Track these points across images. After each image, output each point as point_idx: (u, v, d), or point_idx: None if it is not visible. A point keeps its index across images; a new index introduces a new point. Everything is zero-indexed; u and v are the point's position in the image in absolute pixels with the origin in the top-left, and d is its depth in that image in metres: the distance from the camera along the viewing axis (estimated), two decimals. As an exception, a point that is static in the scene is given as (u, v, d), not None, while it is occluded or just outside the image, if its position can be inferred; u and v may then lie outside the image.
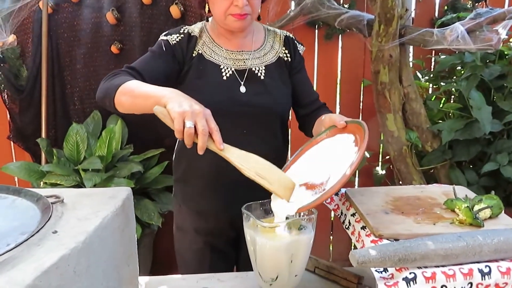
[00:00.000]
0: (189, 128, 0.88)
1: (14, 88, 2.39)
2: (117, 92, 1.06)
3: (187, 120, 0.89)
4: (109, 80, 1.12)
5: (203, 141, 0.89)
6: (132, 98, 1.04)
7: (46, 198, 0.87)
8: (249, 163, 0.95)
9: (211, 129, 0.92)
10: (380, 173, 2.64)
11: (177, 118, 0.89)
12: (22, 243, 0.68)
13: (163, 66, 1.23)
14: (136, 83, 1.07)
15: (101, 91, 1.13)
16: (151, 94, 0.98)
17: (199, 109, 0.91)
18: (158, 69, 1.22)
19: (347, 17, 2.17)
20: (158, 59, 1.24)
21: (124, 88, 1.05)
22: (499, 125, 2.08)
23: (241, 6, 1.17)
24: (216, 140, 0.92)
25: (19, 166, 2.19)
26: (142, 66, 1.20)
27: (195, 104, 0.93)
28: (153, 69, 1.21)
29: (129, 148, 2.32)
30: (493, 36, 1.87)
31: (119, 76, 1.12)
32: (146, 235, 2.31)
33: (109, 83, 1.10)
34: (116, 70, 1.17)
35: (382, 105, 2.18)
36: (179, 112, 0.89)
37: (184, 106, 0.90)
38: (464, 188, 1.16)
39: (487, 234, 0.84)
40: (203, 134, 0.89)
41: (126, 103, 1.05)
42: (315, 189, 0.96)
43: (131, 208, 1.00)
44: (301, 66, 1.40)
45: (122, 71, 1.17)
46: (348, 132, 1.07)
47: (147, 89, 1.01)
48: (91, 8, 2.38)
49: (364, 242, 0.95)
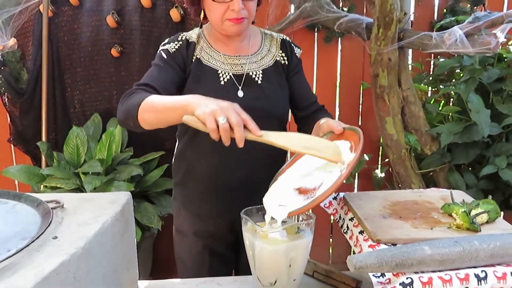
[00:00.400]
0: (223, 124, 0.89)
1: (15, 91, 2.40)
2: (139, 110, 1.06)
3: (218, 117, 0.89)
4: (126, 100, 1.12)
5: (240, 133, 0.90)
6: (156, 114, 1.04)
7: (47, 203, 0.88)
8: (291, 140, 0.96)
9: (244, 120, 0.92)
10: (380, 176, 2.65)
11: (209, 118, 0.89)
12: (23, 249, 0.69)
13: (170, 76, 1.24)
14: (156, 98, 1.06)
15: (122, 113, 1.13)
16: (175, 105, 0.99)
17: (227, 105, 0.92)
18: (167, 80, 1.23)
19: (346, 21, 2.18)
20: (164, 70, 1.25)
21: (145, 105, 1.05)
22: (498, 128, 2.09)
23: (238, 11, 1.18)
24: (252, 128, 0.93)
25: (19, 169, 2.20)
26: (152, 80, 1.20)
27: (221, 102, 0.93)
28: (163, 81, 1.22)
29: (129, 151, 2.33)
30: (491, 39, 1.88)
31: (135, 94, 1.12)
32: (146, 238, 2.31)
33: (127, 104, 1.10)
34: (129, 90, 1.17)
35: (381, 108, 2.19)
36: (209, 113, 0.90)
37: (211, 106, 0.91)
38: (462, 192, 1.16)
39: (483, 239, 0.84)
40: (238, 126, 0.90)
41: (151, 119, 1.06)
42: (307, 194, 0.97)
43: (131, 213, 1.01)
44: (298, 68, 1.41)
45: (136, 89, 1.17)
46: (345, 139, 1.08)
47: (169, 101, 1.02)
48: (91, 11, 2.39)
49: (362, 246, 0.95)
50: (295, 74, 1.39)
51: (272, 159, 1.36)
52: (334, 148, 1.01)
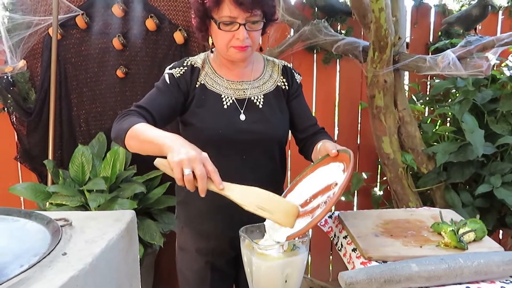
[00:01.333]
0: (187, 175, 0.96)
1: (23, 110, 2.48)
2: (126, 136, 1.16)
3: (185, 168, 0.96)
4: (120, 121, 1.22)
5: (202, 184, 0.97)
6: (138, 143, 1.14)
7: (56, 221, 0.93)
8: (248, 198, 1.00)
9: (209, 172, 0.98)
10: (378, 194, 2.69)
11: (175, 168, 0.97)
12: (35, 265, 0.74)
13: (167, 101, 1.32)
14: (142, 128, 1.15)
15: (113, 133, 1.23)
16: (154, 141, 1.07)
17: (195, 155, 0.98)
18: (163, 104, 1.31)
19: (343, 44, 2.26)
20: (163, 95, 1.33)
21: (132, 132, 1.15)
22: (492, 148, 2.13)
23: (242, 39, 1.25)
24: (215, 180, 0.99)
25: (26, 187, 2.25)
26: (149, 103, 1.29)
27: (192, 150, 1.00)
28: (159, 105, 1.30)
29: (133, 169, 2.38)
30: (483, 62, 1.94)
31: (129, 117, 1.21)
32: (148, 255, 2.35)
33: (119, 126, 1.20)
34: (126, 110, 1.26)
35: (378, 128, 2.25)
36: (177, 162, 0.97)
37: (181, 155, 0.98)
38: (451, 211, 1.21)
39: (468, 257, 0.89)
40: (200, 178, 0.97)
41: (134, 146, 1.16)
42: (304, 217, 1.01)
43: (135, 230, 1.06)
44: (298, 92, 1.47)
45: (132, 110, 1.26)
46: (340, 161, 1.13)
47: (150, 136, 1.10)
48: (98, 34, 2.48)
49: (355, 263, 1.00)
50: (295, 97, 1.45)
51: (271, 179, 1.42)
52: (288, 211, 0.99)
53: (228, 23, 1.24)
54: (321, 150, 1.24)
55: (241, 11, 1.21)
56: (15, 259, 0.79)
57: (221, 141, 1.33)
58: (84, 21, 2.42)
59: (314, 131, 1.44)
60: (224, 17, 1.23)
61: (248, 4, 1.20)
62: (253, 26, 1.26)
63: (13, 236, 0.91)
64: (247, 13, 1.22)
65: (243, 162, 1.35)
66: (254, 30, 1.27)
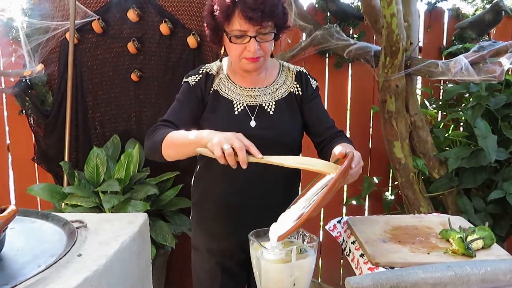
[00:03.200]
0: (227, 150, 1.05)
1: (40, 113, 2.54)
2: (162, 146, 1.25)
3: (223, 145, 1.06)
4: (151, 137, 1.31)
5: (243, 156, 1.06)
6: (176, 149, 1.23)
7: (72, 223, 0.97)
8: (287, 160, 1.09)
9: (246, 145, 1.07)
10: (390, 198, 2.69)
11: (216, 147, 1.07)
12: (52, 265, 0.78)
13: (189, 110, 1.40)
14: (175, 134, 1.24)
15: (148, 149, 1.33)
16: (190, 141, 1.17)
17: (231, 134, 1.09)
18: (186, 115, 1.39)
19: (355, 48, 2.26)
20: (185, 107, 1.40)
21: (166, 141, 1.24)
22: (505, 154, 2.12)
23: (253, 51, 1.28)
24: (254, 152, 1.08)
25: (43, 188, 2.31)
26: (173, 116, 1.38)
27: (227, 133, 1.10)
28: (182, 116, 1.38)
29: (146, 171, 2.42)
30: (496, 68, 1.93)
31: (158, 131, 1.30)
32: (160, 256, 2.39)
33: (152, 141, 1.30)
34: (153, 126, 1.36)
35: (389, 133, 2.25)
36: (216, 143, 1.07)
37: (218, 137, 1.08)
38: (460, 218, 1.22)
39: (475, 264, 0.90)
40: (240, 150, 1.05)
41: (172, 154, 1.25)
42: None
43: (147, 233, 1.09)
44: (314, 96, 1.47)
45: (159, 125, 1.35)
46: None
47: (186, 138, 1.20)
48: (113, 38, 2.53)
49: (362, 269, 1.01)
50: (311, 101, 1.45)
51: (281, 184, 1.44)
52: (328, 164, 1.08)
53: (239, 36, 1.27)
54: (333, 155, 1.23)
55: (251, 25, 1.24)
56: (33, 260, 0.83)
57: None
58: (100, 26, 2.48)
59: (331, 134, 1.43)
60: (234, 31, 1.26)
61: (257, 18, 1.22)
62: (264, 38, 1.28)
63: (31, 237, 0.94)
64: (257, 26, 1.24)
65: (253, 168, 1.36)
66: (265, 41, 1.29)
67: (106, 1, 2.49)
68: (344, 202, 2.81)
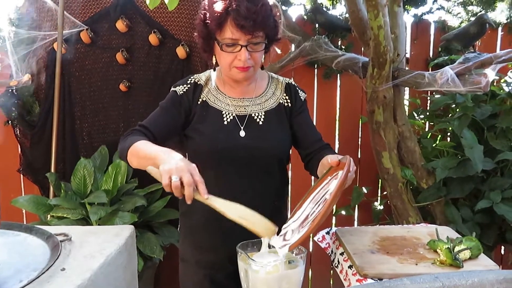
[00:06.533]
0: (174, 182, 1.04)
1: (27, 123, 2.51)
2: (128, 153, 1.26)
3: (173, 175, 1.04)
4: (123, 141, 1.32)
5: (189, 192, 1.04)
6: (137, 159, 1.23)
7: (56, 236, 0.95)
8: (231, 209, 1.07)
9: (196, 181, 1.06)
10: (379, 208, 2.69)
11: (164, 175, 1.05)
12: (34, 280, 0.76)
13: (167, 120, 1.39)
14: (141, 145, 1.24)
15: (119, 151, 1.34)
16: (150, 155, 1.17)
17: (183, 165, 1.06)
18: (163, 123, 1.39)
19: (343, 59, 2.29)
20: (164, 114, 1.39)
21: (132, 149, 1.25)
22: (491, 164, 2.14)
23: (244, 60, 1.28)
24: (201, 190, 1.06)
25: (28, 199, 2.27)
26: (150, 122, 1.38)
27: (181, 161, 1.08)
28: (159, 124, 1.38)
29: (134, 182, 2.40)
30: (481, 79, 1.96)
31: (131, 136, 1.31)
32: (148, 268, 2.35)
33: (122, 145, 1.31)
34: (129, 130, 1.36)
35: (378, 143, 2.26)
36: (166, 170, 1.06)
37: (170, 164, 1.07)
38: (448, 228, 1.22)
39: (463, 275, 0.89)
40: (188, 184, 1.04)
41: (134, 163, 1.26)
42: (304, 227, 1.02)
43: (134, 246, 1.08)
44: (302, 109, 1.48)
45: (135, 130, 1.35)
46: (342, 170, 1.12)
47: (148, 151, 1.20)
48: (102, 49, 2.52)
49: (351, 280, 1.01)
50: (299, 114, 1.46)
51: (270, 195, 1.43)
52: (268, 226, 1.07)
53: (230, 44, 1.27)
54: (324, 164, 1.24)
55: (243, 34, 1.24)
56: (15, 274, 0.81)
57: (220, 156, 1.36)
58: (89, 36, 2.47)
59: (318, 147, 1.44)
60: (226, 39, 1.27)
61: (249, 27, 1.22)
62: (255, 47, 1.29)
63: (13, 251, 0.92)
64: (249, 35, 1.25)
65: (242, 178, 1.37)
66: (256, 51, 1.30)
67: (95, 11, 2.49)
68: (334, 212, 2.81)
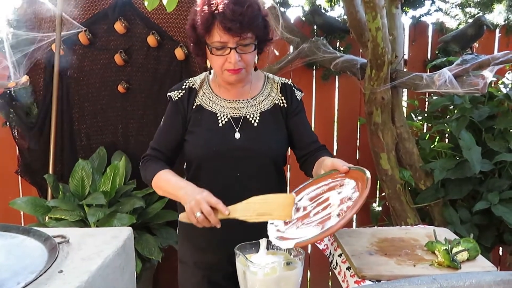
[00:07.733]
0: (199, 218, 1.16)
1: (25, 125, 2.50)
2: (152, 185, 1.39)
3: (195, 212, 1.17)
4: (144, 169, 1.43)
5: (212, 218, 1.16)
6: (163, 193, 1.38)
7: (53, 238, 0.95)
8: (249, 212, 1.14)
9: (214, 204, 1.16)
10: (377, 209, 2.70)
11: (191, 216, 1.18)
12: (32, 282, 0.76)
13: (173, 135, 1.44)
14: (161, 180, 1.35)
15: (143, 178, 1.44)
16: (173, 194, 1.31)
17: (199, 198, 1.18)
18: (172, 140, 1.44)
19: (341, 61, 2.29)
20: (170, 131, 1.44)
21: (154, 183, 1.38)
22: (489, 165, 2.14)
23: (234, 62, 1.29)
24: (220, 209, 1.16)
25: (26, 201, 2.26)
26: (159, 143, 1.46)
27: (197, 195, 1.19)
28: (169, 144, 1.45)
29: (132, 183, 2.39)
30: (479, 80, 1.97)
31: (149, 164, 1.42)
32: (146, 270, 2.35)
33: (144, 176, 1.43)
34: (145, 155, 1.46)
35: (376, 145, 2.26)
36: (189, 213, 1.19)
37: (190, 203, 1.19)
38: (446, 229, 1.22)
39: (460, 276, 0.89)
40: (208, 214, 1.16)
41: (160, 193, 1.40)
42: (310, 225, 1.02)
43: (132, 247, 1.08)
44: (298, 109, 1.48)
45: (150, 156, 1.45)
46: (350, 178, 1.11)
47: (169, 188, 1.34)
48: (100, 50, 2.52)
49: (349, 282, 1.01)
50: (295, 115, 1.46)
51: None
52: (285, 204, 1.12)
53: (220, 47, 1.28)
54: (327, 165, 1.23)
55: (231, 36, 1.25)
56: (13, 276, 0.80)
57: (215, 158, 1.36)
58: (87, 38, 2.47)
59: (315, 148, 1.45)
60: (215, 43, 1.28)
61: (236, 29, 1.23)
62: (245, 49, 1.29)
63: (11, 253, 0.92)
64: (237, 37, 1.25)
65: (237, 179, 1.37)
66: (246, 52, 1.30)
67: (93, 13, 2.48)
68: (332, 213, 2.81)
